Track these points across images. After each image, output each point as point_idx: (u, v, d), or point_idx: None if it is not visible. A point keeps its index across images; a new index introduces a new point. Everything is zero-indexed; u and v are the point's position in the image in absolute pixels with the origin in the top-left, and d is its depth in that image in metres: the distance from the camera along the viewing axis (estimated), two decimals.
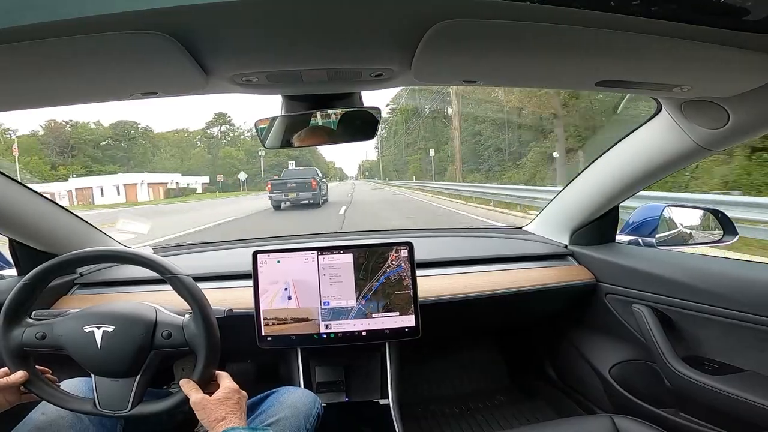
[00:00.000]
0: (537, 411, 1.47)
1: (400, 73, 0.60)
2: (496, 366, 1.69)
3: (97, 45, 0.44)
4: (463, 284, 1.17)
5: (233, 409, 0.68)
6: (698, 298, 0.94)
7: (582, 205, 1.25)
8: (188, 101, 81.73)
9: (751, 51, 0.50)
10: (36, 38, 0.42)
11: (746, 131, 0.77)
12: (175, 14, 0.41)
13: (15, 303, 0.72)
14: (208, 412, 0.67)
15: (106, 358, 0.70)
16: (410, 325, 1.03)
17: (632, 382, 1.13)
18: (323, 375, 1.10)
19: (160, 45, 0.45)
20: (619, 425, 0.79)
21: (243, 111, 72.15)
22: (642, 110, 4.07)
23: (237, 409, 0.69)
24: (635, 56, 0.54)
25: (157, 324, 0.72)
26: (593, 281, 1.23)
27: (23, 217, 0.98)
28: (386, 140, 45.89)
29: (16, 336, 0.71)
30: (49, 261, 0.73)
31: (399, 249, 1.05)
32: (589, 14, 0.42)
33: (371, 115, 0.74)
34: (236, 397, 0.71)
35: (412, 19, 0.45)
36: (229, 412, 0.68)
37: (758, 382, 0.84)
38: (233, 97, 66.64)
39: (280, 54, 0.53)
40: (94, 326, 0.70)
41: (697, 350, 0.99)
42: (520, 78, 0.69)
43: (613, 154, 1.08)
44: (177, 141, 47.40)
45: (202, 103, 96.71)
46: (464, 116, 21.37)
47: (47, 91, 0.60)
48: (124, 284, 1.14)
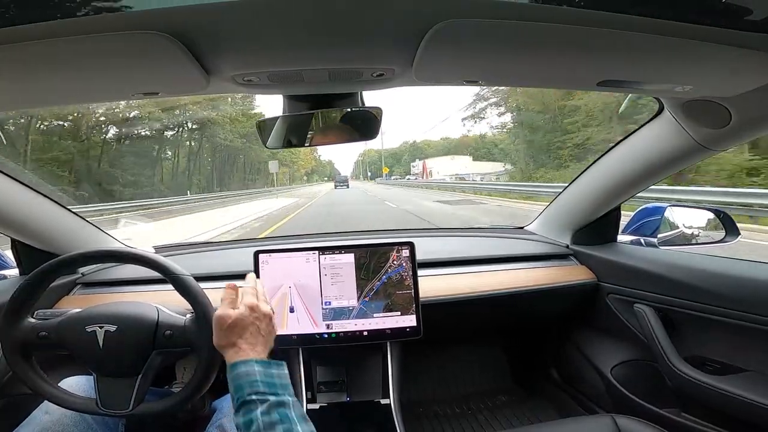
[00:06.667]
0: (539, 411, 1.46)
1: (401, 73, 0.60)
2: (498, 366, 1.69)
3: (99, 45, 0.44)
4: (464, 284, 1.17)
5: (249, 336, 0.61)
6: (700, 298, 0.94)
7: (584, 205, 1.25)
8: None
9: (753, 50, 0.50)
10: (38, 38, 0.42)
11: (748, 131, 0.77)
12: (176, 15, 0.41)
13: (17, 302, 0.72)
14: (219, 335, 0.61)
15: (108, 357, 0.70)
16: (411, 325, 1.03)
17: (634, 382, 1.13)
18: (324, 375, 1.10)
19: (161, 45, 0.45)
20: (621, 425, 0.79)
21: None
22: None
23: (253, 335, 0.61)
24: (637, 56, 0.53)
25: (158, 324, 0.73)
26: (595, 281, 1.23)
27: (26, 217, 0.99)
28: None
29: (19, 335, 0.71)
30: (51, 261, 0.74)
31: (400, 249, 1.05)
32: (591, 14, 0.42)
33: (372, 114, 0.74)
34: (252, 319, 0.62)
35: (414, 19, 0.45)
36: (242, 338, 0.60)
37: (760, 382, 0.84)
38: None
39: (281, 54, 0.53)
40: (96, 326, 0.70)
41: (699, 350, 0.99)
42: (522, 78, 0.69)
43: (615, 154, 1.08)
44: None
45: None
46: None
47: (49, 91, 0.60)
48: (126, 284, 1.15)
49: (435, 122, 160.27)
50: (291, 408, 0.55)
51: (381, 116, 0.74)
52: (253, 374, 0.57)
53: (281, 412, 0.54)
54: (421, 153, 77.37)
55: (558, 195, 1.37)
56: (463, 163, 48.13)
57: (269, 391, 0.56)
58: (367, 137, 0.76)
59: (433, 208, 11.13)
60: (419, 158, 68.28)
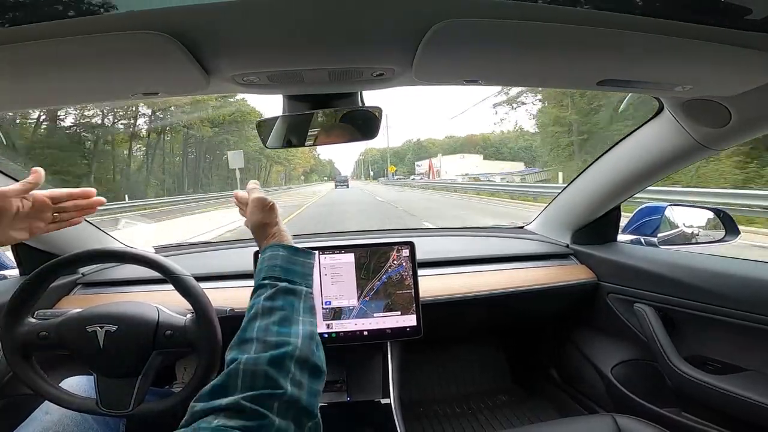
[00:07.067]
0: (539, 410, 1.46)
1: (401, 72, 0.60)
2: (498, 365, 1.69)
3: (99, 45, 0.44)
4: (464, 284, 1.17)
5: (282, 221, 0.62)
6: (700, 298, 0.94)
7: (584, 205, 1.25)
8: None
9: (753, 50, 0.50)
10: (37, 39, 0.42)
11: (748, 130, 0.77)
12: (176, 15, 0.41)
13: (17, 302, 0.72)
14: (264, 215, 0.62)
15: (108, 357, 0.70)
16: (412, 324, 1.03)
17: (634, 382, 1.13)
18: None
19: (161, 45, 0.45)
20: (622, 425, 0.79)
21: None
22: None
23: (266, 229, 0.61)
24: (637, 55, 0.53)
25: (159, 324, 0.73)
26: (595, 281, 1.23)
27: None
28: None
29: (19, 335, 0.71)
30: (51, 261, 0.74)
31: (400, 248, 1.05)
32: (591, 13, 0.42)
33: (373, 114, 0.74)
34: (260, 209, 0.63)
35: (413, 19, 0.45)
36: (278, 221, 0.62)
37: (761, 381, 0.84)
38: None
39: (281, 54, 0.53)
40: (96, 326, 0.71)
41: (700, 350, 0.99)
42: (522, 77, 0.69)
43: (614, 153, 1.08)
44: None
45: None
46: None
47: (48, 91, 0.60)
48: (126, 284, 1.15)
49: (439, 120, 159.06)
50: (301, 298, 0.52)
51: (381, 116, 0.74)
52: (276, 258, 0.55)
53: (287, 300, 0.51)
54: (425, 152, 75.89)
55: (558, 194, 1.37)
56: (473, 162, 45.97)
57: (284, 277, 0.53)
58: (367, 137, 0.76)
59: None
60: (424, 157, 66.22)
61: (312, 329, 0.50)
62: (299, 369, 0.44)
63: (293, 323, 0.49)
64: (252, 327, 0.48)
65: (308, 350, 0.47)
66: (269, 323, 0.48)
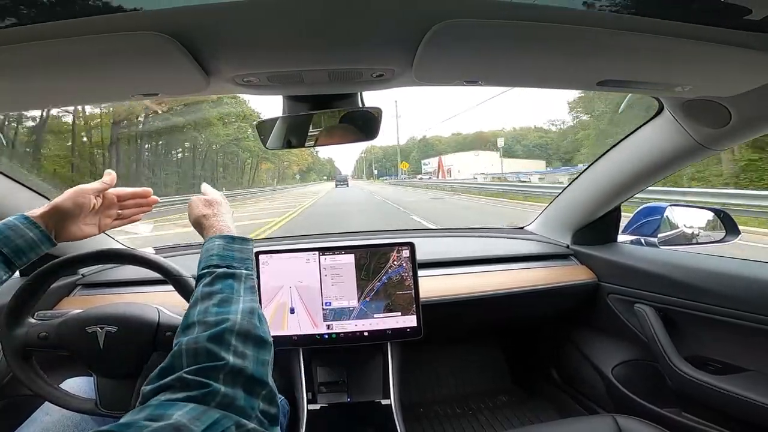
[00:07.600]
0: (539, 411, 1.46)
1: (401, 73, 0.60)
2: (498, 366, 1.69)
3: (99, 46, 0.44)
4: (464, 284, 1.17)
5: (224, 210, 0.65)
6: (701, 298, 0.94)
7: (584, 205, 1.25)
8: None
9: (753, 50, 0.50)
10: (38, 39, 0.42)
11: (748, 130, 0.77)
12: (176, 15, 0.41)
13: (17, 303, 0.72)
14: (200, 207, 0.65)
15: (109, 358, 0.70)
16: (412, 325, 1.03)
17: (635, 382, 1.13)
18: (325, 375, 1.10)
19: (161, 46, 0.45)
20: (622, 425, 0.79)
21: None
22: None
23: (226, 213, 0.65)
24: (637, 56, 0.53)
25: (159, 325, 0.72)
26: (595, 281, 1.23)
27: None
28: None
29: (19, 336, 0.71)
30: (51, 262, 0.74)
31: (401, 249, 1.05)
32: (590, 14, 0.42)
33: (372, 114, 0.74)
34: (220, 198, 0.67)
35: (413, 20, 0.45)
36: (218, 213, 0.64)
37: (761, 381, 0.84)
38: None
39: (281, 55, 0.53)
40: (96, 327, 0.70)
41: (700, 350, 0.99)
42: (521, 78, 0.69)
43: (614, 154, 1.08)
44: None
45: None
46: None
47: (48, 92, 0.60)
48: (126, 285, 1.15)
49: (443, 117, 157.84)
50: (241, 280, 0.53)
51: (381, 116, 0.74)
52: (212, 249, 0.57)
53: (226, 283, 0.52)
54: (431, 149, 73.25)
55: (558, 195, 1.37)
56: (489, 159, 42.64)
57: (223, 264, 0.54)
58: (368, 137, 0.76)
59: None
60: (430, 155, 62.34)
61: (253, 305, 0.51)
62: (241, 341, 0.45)
63: (233, 303, 0.49)
64: (193, 313, 0.48)
65: (249, 324, 0.47)
66: (209, 306, 0.49)
